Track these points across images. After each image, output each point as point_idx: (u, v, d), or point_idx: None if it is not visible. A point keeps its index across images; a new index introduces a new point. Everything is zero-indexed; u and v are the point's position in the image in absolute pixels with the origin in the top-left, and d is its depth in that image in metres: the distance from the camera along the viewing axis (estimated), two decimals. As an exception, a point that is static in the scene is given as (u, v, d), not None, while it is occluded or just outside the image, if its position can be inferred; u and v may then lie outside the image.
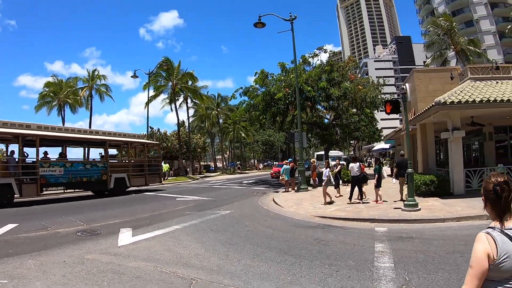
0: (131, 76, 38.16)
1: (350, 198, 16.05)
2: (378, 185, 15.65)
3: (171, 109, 48.69)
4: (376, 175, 15.86)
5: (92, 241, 9.47)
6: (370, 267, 6.82)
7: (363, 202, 15.70)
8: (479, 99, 15.64)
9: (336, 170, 19.02)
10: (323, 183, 16.66)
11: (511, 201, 2.36)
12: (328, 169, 17.53)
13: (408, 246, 8.38)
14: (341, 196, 18.26)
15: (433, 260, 7.12)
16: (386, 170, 27.04)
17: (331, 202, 16.21)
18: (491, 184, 2.41)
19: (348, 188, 17.61)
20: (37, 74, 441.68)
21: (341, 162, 22.13)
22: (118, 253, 8.16)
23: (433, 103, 15.94)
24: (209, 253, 8.06)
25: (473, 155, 25.68)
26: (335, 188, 18.75)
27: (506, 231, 2.31)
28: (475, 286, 2.30)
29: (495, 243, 2.29)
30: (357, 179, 16.04)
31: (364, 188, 16.54)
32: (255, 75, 31.07)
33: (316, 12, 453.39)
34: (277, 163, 56.22)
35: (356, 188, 16.10)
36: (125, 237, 9.83)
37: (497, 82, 18.55)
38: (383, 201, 15.61)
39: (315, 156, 48.94)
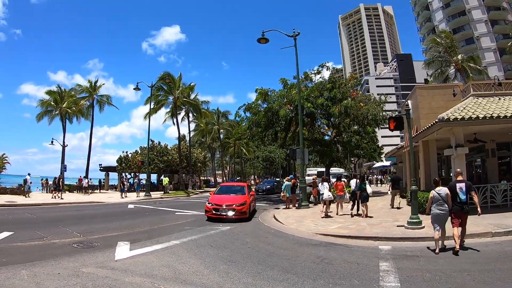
0: (134, 88, 37.86)
1: (353, 209, 17.70)
2: (363, 201, 17.00)
3: (173, 122, 48.57)
4: (358, 192, 17.34)
5: (88, 253, 9.25)
6: (376, 287, 6.61)
7: (353, 215, 17.25)
8: (482, 116, 15.54)
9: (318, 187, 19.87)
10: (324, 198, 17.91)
11: (439, 182, 10.05)
12: (325, 183, 18.62)
13: (414, 264, 8.17)
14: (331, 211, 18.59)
15: (440, 279, 6.96)
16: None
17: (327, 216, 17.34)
18: (434, 179, 10.58)
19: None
20: (40, 83, 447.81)
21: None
22: (114, 267, 7.93)
23: (437, 120, 15.84)
24: (209, 270, 7.83)
25: (476, 171, 25.52)
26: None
27: (435, 191, 9.80)
28: (429, 203, 9.92)
29: (433, 193, 9.80)
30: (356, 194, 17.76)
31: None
32: (256, 91, 31.09)
33: (318, 29, 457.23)
34: (223, 184, 30.11)
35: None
36: (123, 250, 9.61)
37: (499, 99, 18.49)
38: (366, 215, 16.70)
39: (316, 173, 48.69)
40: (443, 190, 9.63)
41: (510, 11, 75.07)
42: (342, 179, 20.75)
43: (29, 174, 35.37)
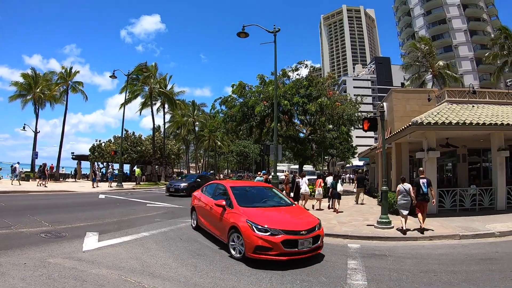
0: (110, 76, 37.33)
1: (330, 204, 19.95)
2: (334, 197, 18.74)
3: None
4: (331, 189, 19.21)
5: (56, 243, 9.11)
6: (343, 285, 6.70)
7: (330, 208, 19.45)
8: (455, 121, 15.83)
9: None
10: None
11: (404, 180, 13.00)
12: (305, 179, 20.20)
13: (381, 263, 8.28)
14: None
15: (407, 279, 7.07)
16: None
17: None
18: (401, 177, 13.70)
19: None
20: (14, 66, 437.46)
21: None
22: (82, 258, 7.82)
23: (410, 123, 16.06)
24: (177, 263, 7.80)
25: (446, 175, 26.04)
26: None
27: (401, 185, 12.67)
28: (397, 194, 12.82)
29: (400, 187, 12.68)
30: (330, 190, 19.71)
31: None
32: (232, 87, 31.01)
33: (299, 27, 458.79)
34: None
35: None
36: (91, 241, 9.50)
37: (473, 106, 18.92)
38: (339, 211, 17.96)
39: (286, 169, 48.85)
40: (407, 185, 12.67)
41: (490, 22, 76.89)
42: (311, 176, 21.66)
43: (18, 163, 34.97)
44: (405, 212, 12.26)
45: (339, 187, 18.86)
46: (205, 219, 10.90)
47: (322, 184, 20.26)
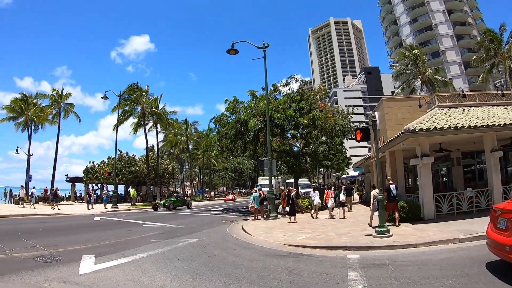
0: (102, 97, 37.15)
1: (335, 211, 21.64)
2: (338, 206, 21.29)
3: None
4: (336, 198, 21.67)
5: (52, 267, 8.94)
6: (344, 296, 6.58)
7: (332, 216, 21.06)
8: (447, 126, 15.91)
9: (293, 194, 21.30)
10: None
11: (375, 186, 17.01)
12: (316, 191, 22.79)
13: (382, 273, 8.16)
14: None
15: (408, 286, 6.97)
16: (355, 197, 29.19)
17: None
18: (372, 184, 21.58)
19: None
20: (5, 89, 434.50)
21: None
22: (78, 282, 7.67)
23: (403, 131, 16.10)
24: (175, 283, 7.64)
25: (442, 180, 26.11)
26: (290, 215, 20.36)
27: (374, 191, 15.77)
28: (373, 198, 15.68)
29: (373, 193, 15.73)
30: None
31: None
32: (225, 103, 31.14)
33: (288, 42, 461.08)
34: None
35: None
36: (87, 264, 9.31)
37: (463, 109, 19.04)
38: (345, 217, 20.65)
39: (285, 184, 48.69)
40: (378, 191, 14.86)
41: (475, 26, 77.94)
42: (311, 189, 22.50)
43: (34, 187, 35.80)
44: (377, 210, 14.15)
45: (342, 197, 21.63)
46: None
47: (333, 195, 21.64)
